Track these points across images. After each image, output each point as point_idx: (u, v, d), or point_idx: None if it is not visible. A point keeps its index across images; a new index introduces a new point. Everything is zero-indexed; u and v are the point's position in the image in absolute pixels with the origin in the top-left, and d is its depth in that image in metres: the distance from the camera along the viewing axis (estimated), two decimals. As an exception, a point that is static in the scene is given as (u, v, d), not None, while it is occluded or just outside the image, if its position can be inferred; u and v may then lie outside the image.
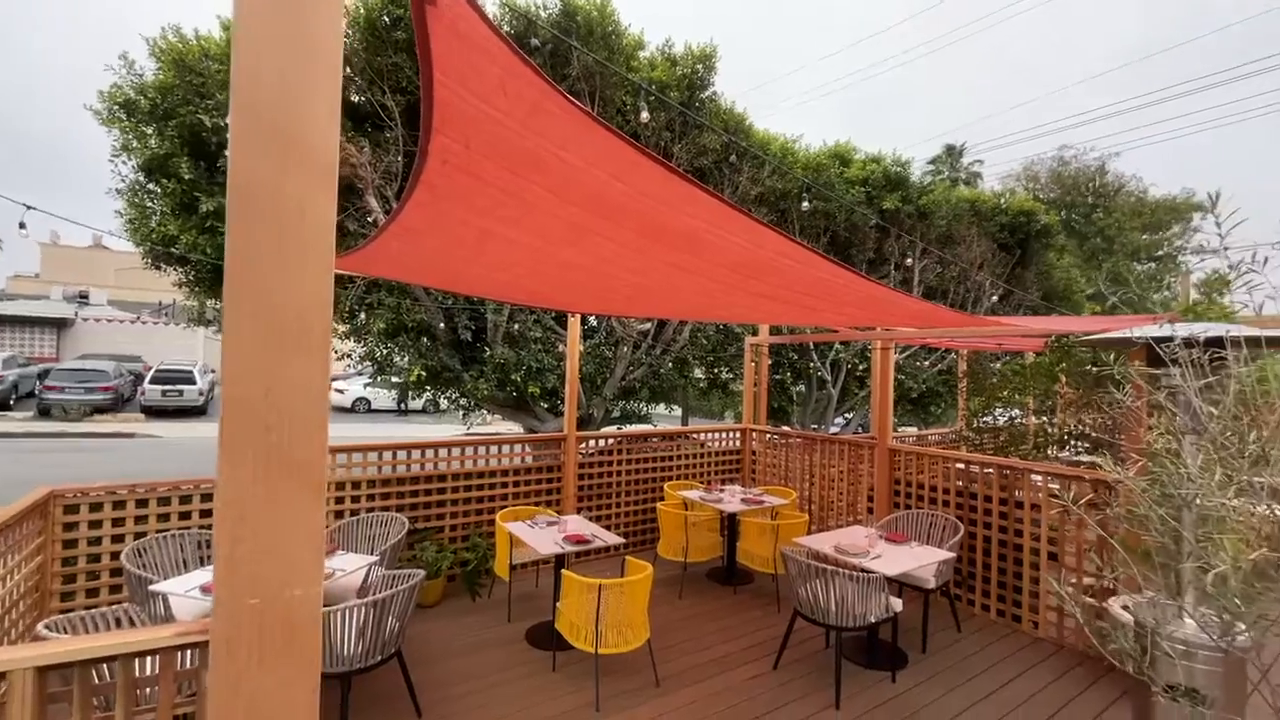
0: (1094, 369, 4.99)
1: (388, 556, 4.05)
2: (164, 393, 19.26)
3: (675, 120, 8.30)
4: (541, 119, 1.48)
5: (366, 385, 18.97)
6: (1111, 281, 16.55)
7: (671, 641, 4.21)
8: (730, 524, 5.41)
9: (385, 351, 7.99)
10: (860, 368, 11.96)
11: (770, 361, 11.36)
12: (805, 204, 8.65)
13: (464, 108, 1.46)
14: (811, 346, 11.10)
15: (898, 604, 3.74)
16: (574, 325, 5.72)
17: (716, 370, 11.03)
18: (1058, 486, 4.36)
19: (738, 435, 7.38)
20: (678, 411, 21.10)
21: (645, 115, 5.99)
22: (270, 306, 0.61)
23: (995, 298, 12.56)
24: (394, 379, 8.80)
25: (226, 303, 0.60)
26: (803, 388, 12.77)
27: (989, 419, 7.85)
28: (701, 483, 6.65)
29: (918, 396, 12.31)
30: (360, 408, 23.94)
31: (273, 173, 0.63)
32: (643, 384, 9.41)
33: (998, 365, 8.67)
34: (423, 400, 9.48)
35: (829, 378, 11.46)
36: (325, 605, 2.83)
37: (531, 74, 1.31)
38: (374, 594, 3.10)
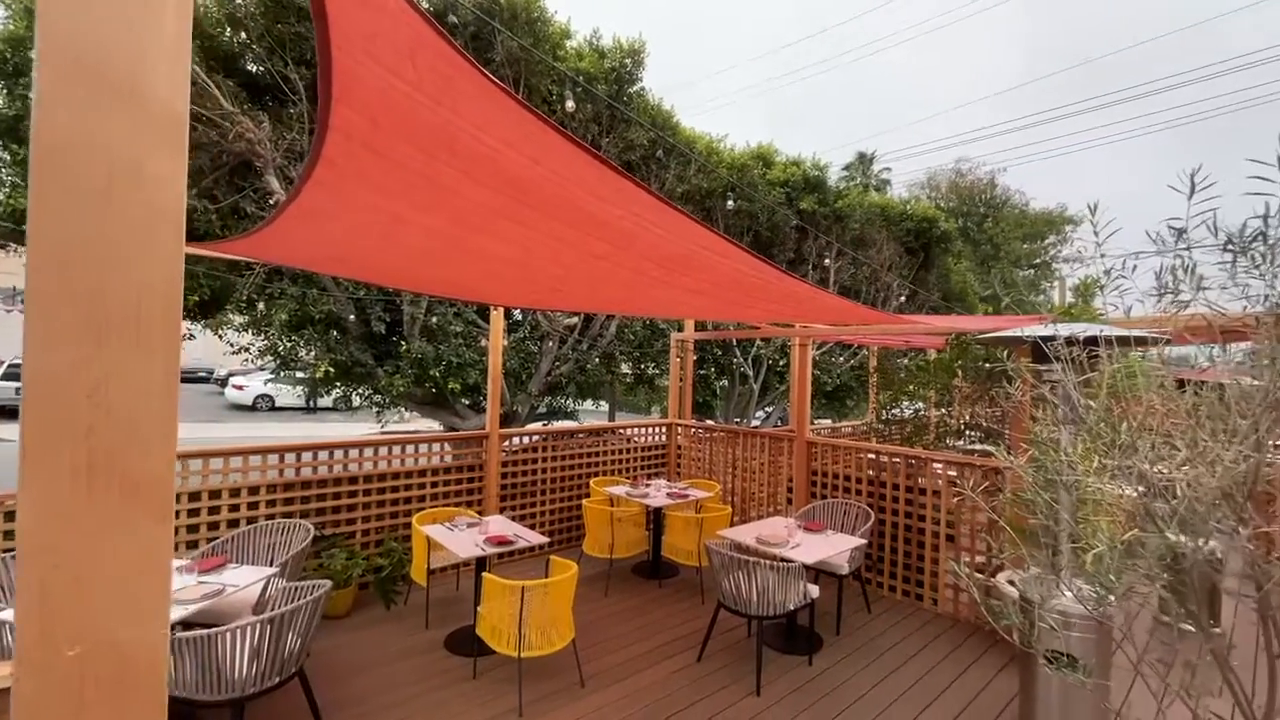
0: (987, 365, 5.46)
1: (290, 567, 3.74)
2: (18, 390, 16.89)
3: (603, 114, 8.21)
4: (456, 95, 1.37)
5: (268, 381, 17.56)
6: (1003, 285, 18.15)
7: (597, 639, 4.17)
8: (656, 518, 5.44)
9: (289, 345, 7.39)
10: (780, 363, 12.42)
11: (696, 357, 11.56)
12: (730, 203, 8.83)
13: (367, 77, 1.33)
14: (735, 343, 11.41)
15: (815, 590, 3.89)
16: (497, 319, 5.53)
17: (643, 366, 11.09)
18: (955, 473, 4.70)
19: (663, 430, 7.44)
20: (605, 407, 21.07)
21: (570, 105, 5.87)
22: (93, 289, 0.50)
23: (903, 297, 13.45)
24: (299, 374, 8.17)
25: (29, 282, 0.48)
26: (726, 383, 13.09)
27: (897, 412, 8.38)
28: (628, 478, 6.65)
29: (833, 390, 12.96)
30: (263, 405, 22.16)
31: (96, 121, 0.51)
32: (569, 380, 9.29)
33: (904, 361, 9.26)
34: (333, 397, 8.87)
35: (751, 373, 11.82)
36: (213, 625, 2.53)
37: (444, 45, 1.21)
38: (272, 609, 2.84)
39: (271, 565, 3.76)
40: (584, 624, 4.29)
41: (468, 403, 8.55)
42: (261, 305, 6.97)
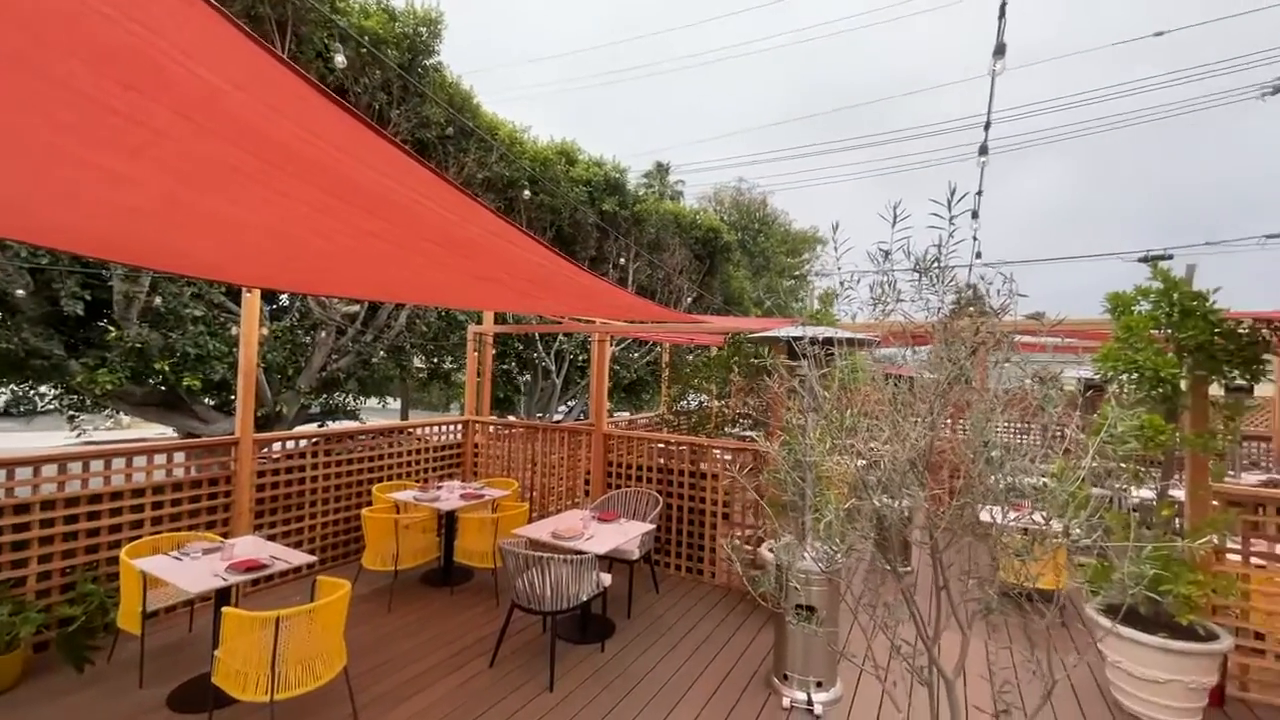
0: (755, 361, 6.26)
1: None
2: None
3: (393, 83, 7.46)
4: (149, 9, 1.07)
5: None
6: (767, 291, 20.98)
7: (379, 660, 3.76)
8: (448, 522, 5.12)
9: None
10: (581, 358, 12.69)
11: (497, 351, 11.20)
12: (526, 192, 8.70)
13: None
14: (537, 337, 11.34)
15: (607, 579, 4.02)
16: (251, 303, 4.65)
17: (438, 360, 10.40)
18: (730, 458, 5.27)
19: (459, 428, 7.05)
20: (398, 405, 19.32)
21: (340, 59, 5.19)
22: None
23: (691, 299, 14.74)
24: (-68, 369, 5.97)
25: None
26: (529, 378, 12.96)
27: (685, 403, 9.13)
28: (418, 481, 6.16)
29: (630, 384, 13.68)
30: None
31: None
32: (349, 375, 8.29)
33: (690, 357, 10.14)
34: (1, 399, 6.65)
35: (553, 368, 11.87)
36: None
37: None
38: None
39: None
40: (362, 646, 3.84)
41: (212, 403, 7.10)
42: None
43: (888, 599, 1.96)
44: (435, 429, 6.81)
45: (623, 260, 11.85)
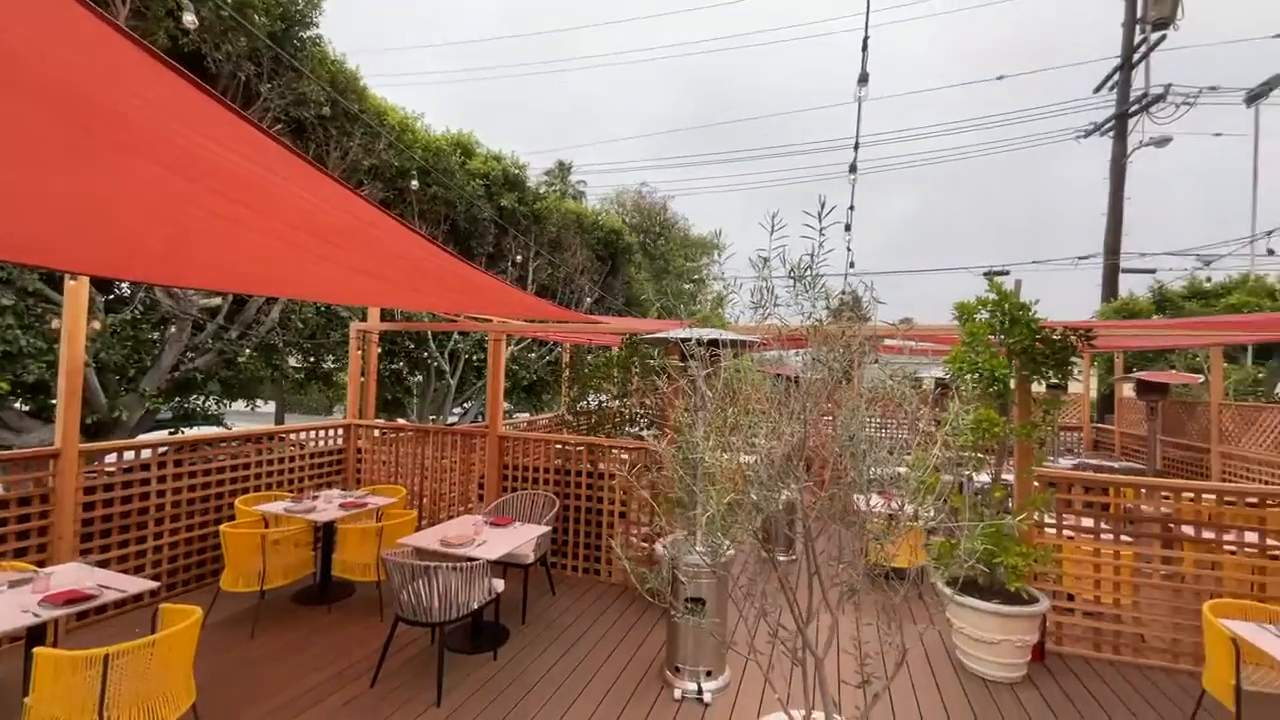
0: (649, 362, 6.39)
1: None
2: None
3: (264, 54, 6.78)
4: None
5: None
6: (661, 293, 21.49)
7: (240, 692, 3.39)
8: (326, 534, 4.73)
9: None
10: (478, 358, 12.27)
11: (384, 350, 10.52)
12: (415, 183, 8.26)
13: None
14: (430, 335, 10.80)
15: (500, 585, 3.91)
16: (76, 292, 4.01)
17: (317, 359, 9.59)
18: (626, 457, 5.33)
19: (341, 432, 6.55)
20: (271, 408, 17.58)
21: (190, 18, 4.66)
22: None
23: (592, 300, 14.75)
24: None
25: None
26: (421, 378, 12.32)
27: (585, 404, 9.11)
28: (292, 492, 5.64)
29: (530, 385, 13.42)
30: None
31: None
32: (210, 376, 7.41)
33: (590, 358, 10.13)
34: None
35: (448, 368, 11.37)
36: None
37: None
38: None
39: None
40: (219, 678, 3.45)
41: (29, 408, 6.06)
42: None
43: (766, 588, 2.08)
44: (313, 434, 6.27)
45: (519, 258, 11.60)
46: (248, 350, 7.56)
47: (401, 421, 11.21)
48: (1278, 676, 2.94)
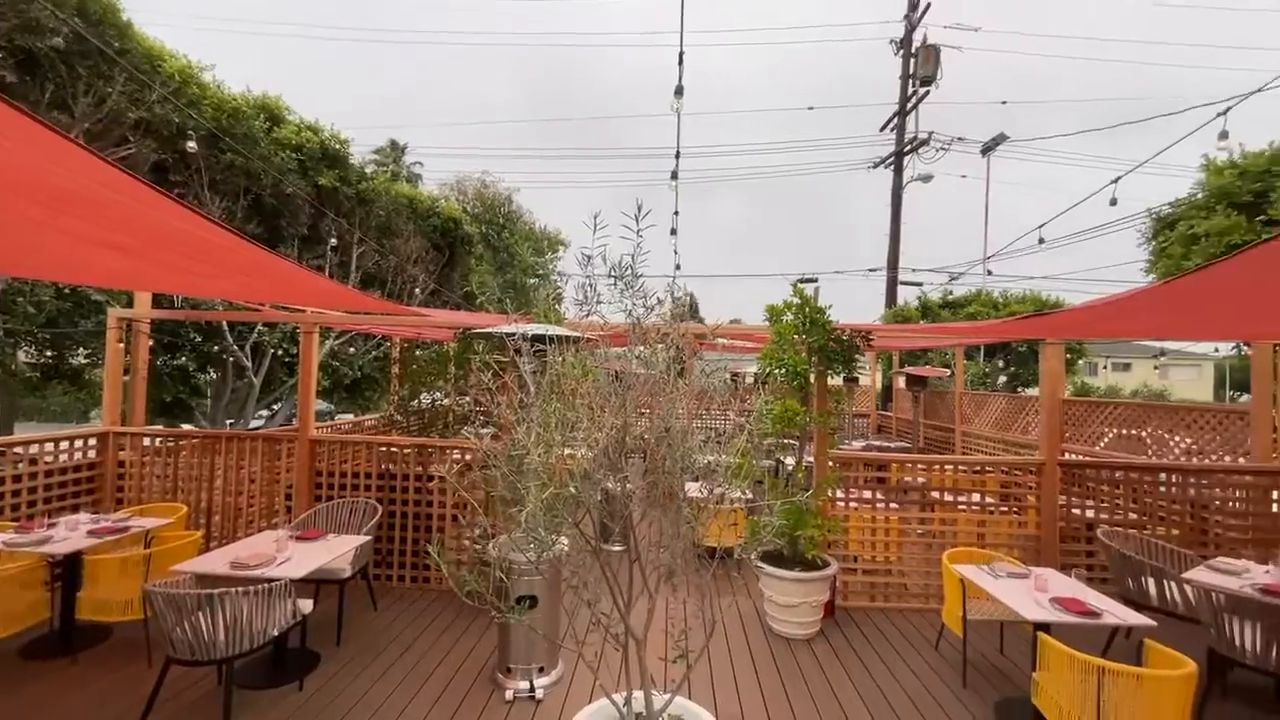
0: (477, 355, 6.15)
1: None
2: None
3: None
4: None
5: None
6: (502, 288, 20.98)
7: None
8: (68, 569, 3.84)
9: None
10: (292, 353, 10.86)
11: (161, 343, 8.80)
12: (191, 144, 7.01)
13: None
14: (225, 326, 9.27)
15: (307, 605, 3.51)
16: None
17: (60, 353, 7.75)
18: (459, 457, 5.11)
19: (94, 443, 5.36)
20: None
21: None
22: None
23: (428, 291, 13.83)
24: None
25: None
26: (217, 376, 10.58)
27: (417, 403, 8.52)
28: (17, 521, 4.49)
29: (353, 383, 12.21)
30: None
31: None
32: (-120, 374, 5.60)
33: (419, 353, 9.47)
34: None
35: (250, 365, 9.88)
36: None
37: None
38: None
39: None
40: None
41: None
42: None
43: (587, 579, 2.13)
44: (50, 446, 5.05)
45: (335, 241, 10.48)
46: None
47: (188, 428, 9.52)
48: (991, 607, 3.74)
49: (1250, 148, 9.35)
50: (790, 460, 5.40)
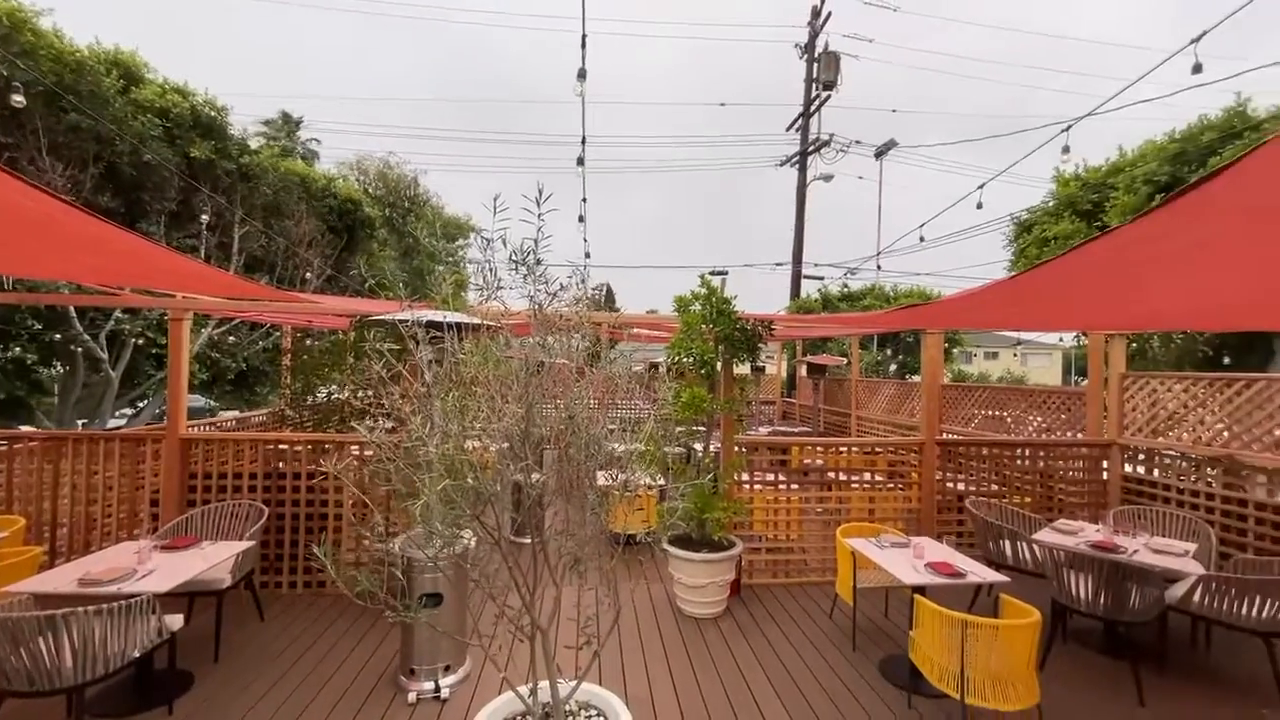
0: (370, 344, 5.78)
1: None
2: None
3: None
4: None
5: None
6: (414, 275, 19.96)
7: None
8: None
9: None
10: (159, 343, 9.72)
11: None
12: (19, 97, 6.03)
13: None
14: (73, 313, 8.11)
15: (176, 621, 3.18)
16: None
17: None
18: (357, 451, 4.81)
19: (-103, 450, 4.53)
20: None
21: None
22: None
23: (324, 277, 12.84)
24: None
25: None
26: (65, 369, 9.27)
27: (312, 397, 7.90)
28: None
29: (238, 376, 11.13)
30: None
31: None
32: None
33: (310, 342, 8.78)
34: None
35: (106, 356, 8.73)
36: None
37: None
38: None
39: None
40: None
41: None
42: None
43: (486, 570, 2.08)
44: None
45: (206, 218, 9.46)
46: None
47: (26, 429, 8.27)
48: (877, 575, 4.06)
49: (1092, 162, 10.73)
50: (699, 446, 5.56)
